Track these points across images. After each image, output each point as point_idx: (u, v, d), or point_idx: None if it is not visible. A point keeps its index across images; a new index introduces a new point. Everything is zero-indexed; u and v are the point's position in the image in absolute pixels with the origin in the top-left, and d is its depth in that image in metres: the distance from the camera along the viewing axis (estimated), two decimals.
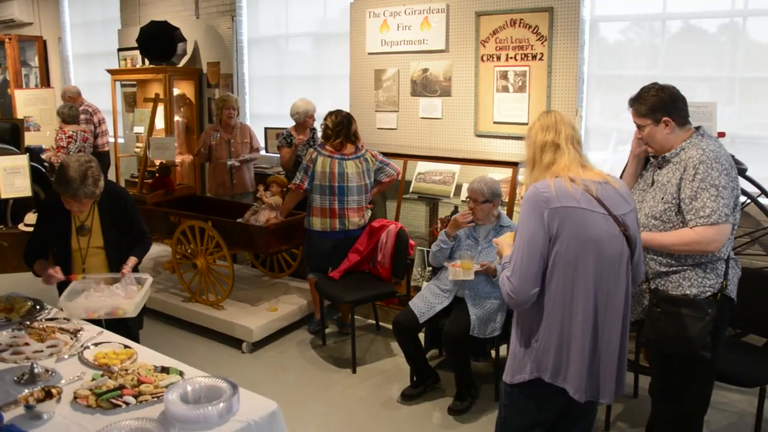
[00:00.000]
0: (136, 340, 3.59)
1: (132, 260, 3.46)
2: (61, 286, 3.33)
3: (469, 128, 5.30)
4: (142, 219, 3.69)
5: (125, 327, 3.40)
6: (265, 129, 6.88)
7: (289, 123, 5.86)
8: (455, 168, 5.28)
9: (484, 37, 5.09)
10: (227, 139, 6.18)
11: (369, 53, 5.80)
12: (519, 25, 4.90)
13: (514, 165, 4.92)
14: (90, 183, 3.19)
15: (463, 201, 5.13)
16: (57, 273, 3.24)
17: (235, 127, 6.25)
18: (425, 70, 5.47)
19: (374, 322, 5.37)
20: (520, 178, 4.86)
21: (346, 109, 5.24)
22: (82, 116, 7.91)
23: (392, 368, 4.65)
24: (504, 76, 5.03)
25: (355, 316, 4.71)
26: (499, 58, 5.05)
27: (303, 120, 5.71)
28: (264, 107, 7.45)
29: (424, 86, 5.50)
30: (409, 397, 4.18)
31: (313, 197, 4.77)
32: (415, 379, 4.26)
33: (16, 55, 10.77)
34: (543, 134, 2.37)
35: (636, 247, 2.34)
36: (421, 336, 4.28)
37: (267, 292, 5.61)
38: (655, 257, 2.84)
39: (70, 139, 6.87)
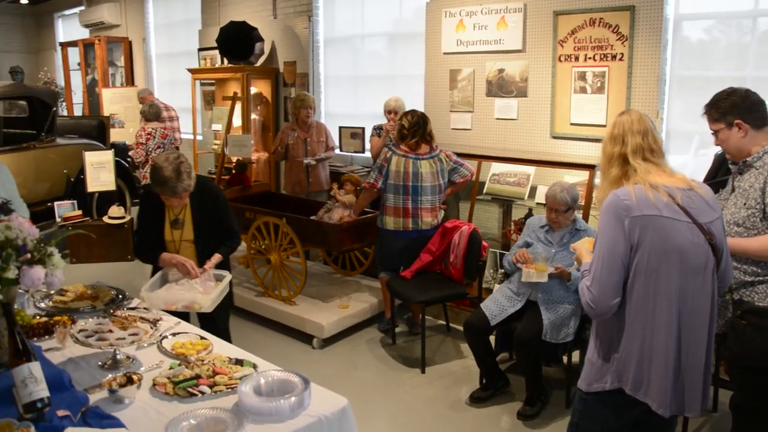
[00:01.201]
0: (225, 332, 3.71)
1: (216, 257, 3.55)
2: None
3: (545, 130, 5.21)
4: (233, 219, 3.75)
5: (211, 320, 3.54)
6: (340, 128, 6.94)
7: (363, 122, 5.90)
8: (530, 170, 5.20)
9: (562, 37, 4.99)
10: (304, 137, 6.26)
11: (444, 53, 5.77)
12: (598, 25, 4.78)
13: (590, 168, 4.81)
14: (185, 177, 3.31)
15: (538, 203, 5.04)
16: (193, 270, 3.37)
17: (311, 126, 6.33)
18: (501, 71, 5.41)
19: (444, 322, 5.34)
20: (597, 181, 4.74)
21: (421, 109, 5.23)
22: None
23: (461, 370, 4.62)
24: (582, 76, 4.92)
25: (426, 317, 4.69)
26: (577, 58, 4.94)
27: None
28: (339, 106, 7.52)
29: (499, 87, 5.44)
30: (477, 399, 4.14)
31: (386, 196, 4.78)
32: (484, 381, 4.22)
33: (104, 56, 11.24)
34: (611, 145, 2.31)
35: (722, 255, 2.24)
36: (492, 339, 4.23)
37: (338, 290, 5.66)
38: (740, 266, 2.71)
39: (149, 136, 7.14)
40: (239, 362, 2.56)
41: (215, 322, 3.63)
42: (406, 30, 6.68)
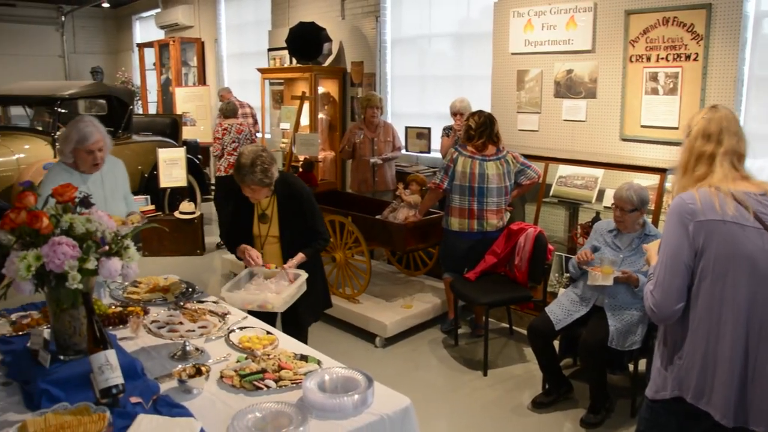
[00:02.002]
0: (303, 332, 3.77)
1: (299, 257, 3.55)
2: None
3: (614, 132, 5.10)
4: (320, 220, 3.71)
5: (296, 319, 3.65)
6: (406, 128, 6.96)
7: (429, 122, 5.90)
8: (598, 173, 5.10)
9: (633, 37, 4.87)
10: (371, 137, 6.31)
11: (512, 53, 5.72)
12: (672, 24, 4.65)
13: (661, 171, 4.68)
14: (258, 171, 3.35)
15: (606, 207, 4.94)
16: (257, 259, 3.45)
17: (378, 126, 6.38)
18: (569, 71, 5.32)
19: (508, 325, 5.29)
20: (668, 185, 4.61)
21: (487, 110, 5.20)
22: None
23: (524, 374, 4.57)
24: (653, 77, 4.79)
25: (489, 319, 4.66)
26: (649, 58, 4.81)
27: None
28: (405, 106, 7.54)
29: (568, 87, 5.35)
30: (540, 405, 4.09)
31: (452, 197, 4.77)
32: (547, 387, 4.16)
33: (178, 56, 11.58)
34: (702, 143, 2.21)
35: None
36: (556, 344, 4.17)
37: (402, 289, 5.68)
38: None
39: (224, 131, 7.37)
40: (304, 358, 2.60)
41: (299, 323, 3.72)
42: (472, 30, 6.65)
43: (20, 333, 2.81)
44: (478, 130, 4.70)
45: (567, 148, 5.42)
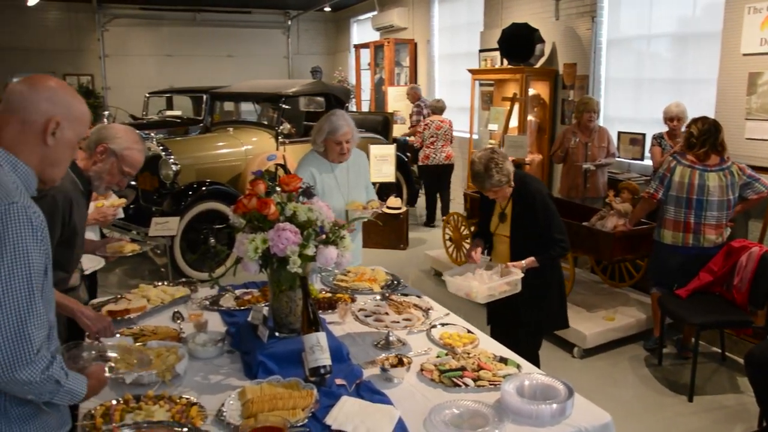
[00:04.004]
0: (535, 339, 3.78)
1: (528, 260, 3.44)
2: None
3: None
4: (555, 225, 3.51)
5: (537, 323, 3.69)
6: (618, 133, 6.68)
7: (644, 128, 5.61)
8: None
9: None
10: (585, 142, 6.13)
11: (743, 54, 5.23)
12: None
13: None
14: (494, 173, 3.38)
15: None
16: (475, 255, 3.53)
17: (593, 131, 6.17)
18: None
19: (720, 350, 4.89)
20: None
21: (710, 116, 4.82)
22: (415, 110, 9.58)
23: (736, 405, 4.20)
24: None
25: (699, 341, 4.34)
26: None
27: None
28: (619, 110, 7.22)
29: None
30: None
31: (666, 208, 4.52)
32: (765, 424, 3.78)
33: (391, 57, 12.04)
34: None
35: None
36: None
37: (604, 300, 5.47)
38: None
39: (426, 126, 7.84)
40: (503, 360, 2.60)
41: (540, 324, 3.75)
42: (696, 30, 6.20)
43: (242, 308, 3.12)
44: (700, 138, 4.39)
45: None
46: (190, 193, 6.47)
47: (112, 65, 15.11)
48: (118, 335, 2.63)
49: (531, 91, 7.73)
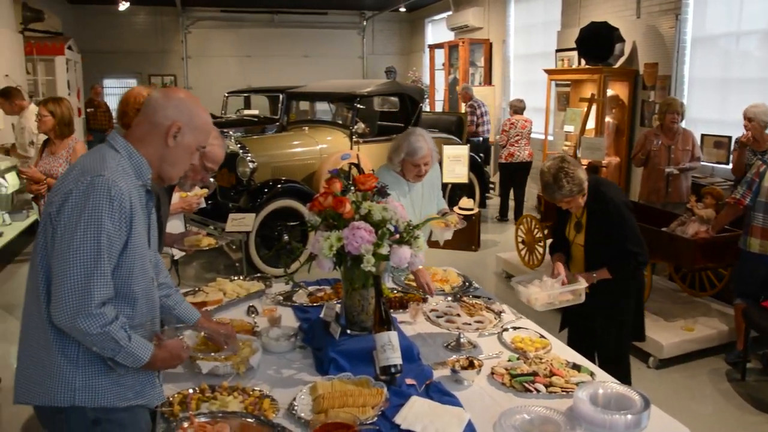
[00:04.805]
0: (618, 353, 3.52)
1: (600, 272, 3.28)
2: None
3: None
4: (631, 237, 3.28)
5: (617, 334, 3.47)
6: (702, 135, 6.42)
7: (730, 131, 5.38)
8: None
9: None
10: (668, 144, 5.90)
11: None
12: None
13: None
14: (564, 183, 3.16)
15: None
16: (558, 271, 3.30)
17: (677, 133, 5.94)
18: None
19: None
20: None
21: None
22: (468, 110, 9.60)
23: None
24: None
25: None
26: None
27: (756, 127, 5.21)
28: (703, 112, 6.95)
29: None
30: None
31: (754, 215, 4.33)
32: None
33: (466, 57, 11.96)
34: None
35: None
36: None
37: (683, 310, 5.26)
38: None
39: (511, 125, 8.13)
40: (576, 367, 2.54)
41: (622, 338, 3.52)
42: None
43: (314, 304, 3.16)
44: None
45: None
46: (266, 190, 6.60)
47: (194, 66, 15.66)
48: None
49: (609, 92, 7.54)
